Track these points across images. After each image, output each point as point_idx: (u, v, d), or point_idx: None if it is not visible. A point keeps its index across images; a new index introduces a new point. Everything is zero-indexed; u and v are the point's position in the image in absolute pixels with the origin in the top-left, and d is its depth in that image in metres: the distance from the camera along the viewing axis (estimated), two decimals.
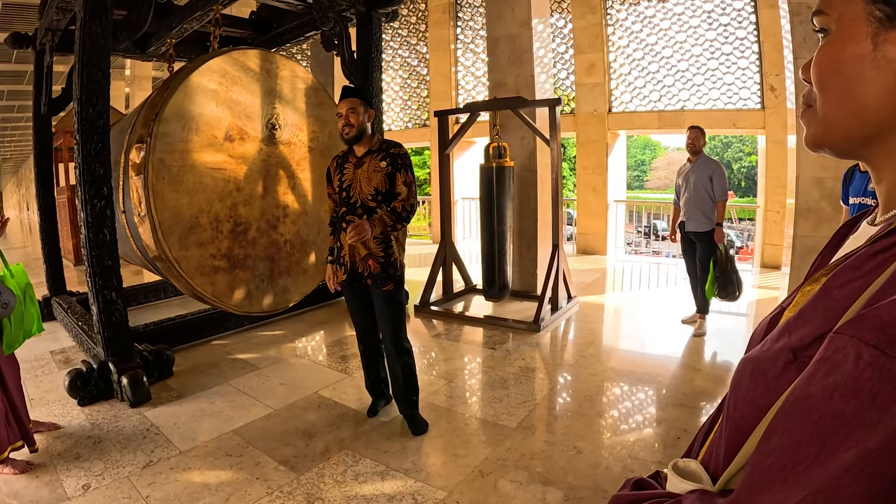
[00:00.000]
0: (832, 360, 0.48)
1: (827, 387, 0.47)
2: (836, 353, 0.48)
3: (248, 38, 6.59)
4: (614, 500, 0.68)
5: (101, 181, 4.10)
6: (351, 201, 3.46)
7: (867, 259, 0.55)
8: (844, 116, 0.61)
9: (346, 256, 3.50)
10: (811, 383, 0.49)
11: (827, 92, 0.62)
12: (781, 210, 8.62)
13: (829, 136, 0.64)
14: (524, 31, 6.62)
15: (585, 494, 2.86)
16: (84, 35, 4.02)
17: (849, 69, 0.59)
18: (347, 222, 3.45)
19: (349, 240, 3.25)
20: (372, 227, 3.27)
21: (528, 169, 6.68)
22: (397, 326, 3.61)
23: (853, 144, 0.63)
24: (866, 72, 0.57)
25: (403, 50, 12.44)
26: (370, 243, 3.44)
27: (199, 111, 4.28)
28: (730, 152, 38.95)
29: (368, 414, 3.83)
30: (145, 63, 12.91)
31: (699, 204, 5.35)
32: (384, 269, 3.47)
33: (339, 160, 3.59)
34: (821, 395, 0.47)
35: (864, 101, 0.58)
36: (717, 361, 4.85)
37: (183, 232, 4.24)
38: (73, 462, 3.22)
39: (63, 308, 5.90)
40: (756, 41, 8.64)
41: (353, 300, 3.68)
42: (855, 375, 0.45)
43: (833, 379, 0.47)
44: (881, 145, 0.60)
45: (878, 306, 0.47)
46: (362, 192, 3.44)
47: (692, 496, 0.59)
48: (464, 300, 7.05)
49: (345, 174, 3.50)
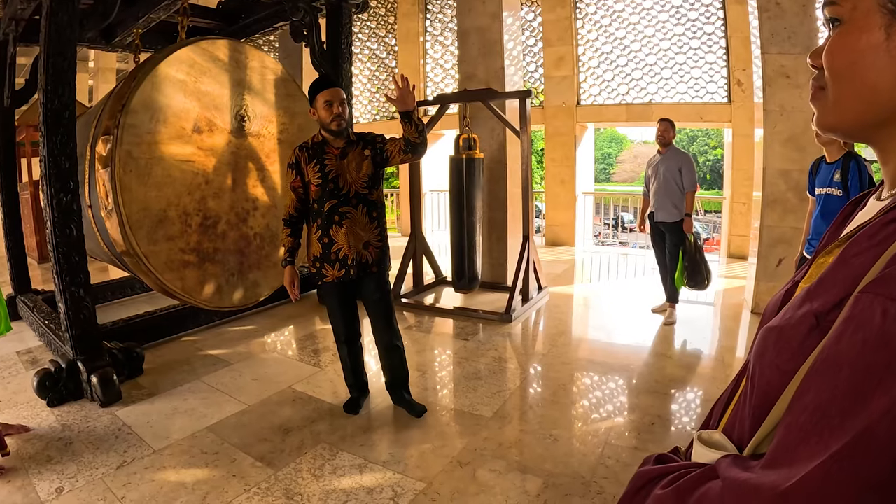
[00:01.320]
0: (859, 318, 0.50)
1: (855, 343, 0.49)
2: (862, 311, 0.50)
3: (216, 29, 6.47)
4: (639, 475, 0.69)
5: (68, 174, 3.99)
6: (342, 192, 3.40)
7: (881, 228, 0.58)
8: (858, 103, 0.63)
9: (345, 249, 3.42)
10: (840, 341, 0.51)
11: (841, 79, 0.64)
12: (747, 202, 8.77)
13: (843, 121, 0.66)
14: (495, 23, 6.62)
15: (564, 481, 2.89)
16: (50, 24, 3.91)
17: (863, 58, 0.61)
18: (341, 214, 3.40)
19: (406, 100, 3.20)
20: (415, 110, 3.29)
21: (497, 161, 6.70)
22: (392, 310, 3.69)
23: (865, 129, 0.65)
24: (880, 61, 0.59)
25: (372, 42, 12.35)
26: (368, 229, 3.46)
27: (167, 102, 4.19)
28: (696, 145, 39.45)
29: (351, 411, 3.75)
30: (109, 54, 12.68)
31: (668, 194, 5.42)
32: (383, 251, 3.54)
33: (310, 152, 3.48)
34: (850, 351, 0.50)
35: (877, 89, 0.60)
36: (687, 349, 4.93)
37: (151, 226, 4.16)
38: (45, 465, 3.14)
39: (29, 307, 5.75)
40: (724, 36, 8.77)
41: (341, 299, 3.60)
42: (883, 330, 0.47)
43: (862, 335, 0.49)
44: (890, 129, 0.62)
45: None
46: (355, 180, 3.41)
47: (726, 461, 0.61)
48: (434, 292, 7.04)
49: (327, 165, 3.41)
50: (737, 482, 0.55)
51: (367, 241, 3.45)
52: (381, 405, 3.86)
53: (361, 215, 3.44)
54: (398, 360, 3.73)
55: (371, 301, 3.59)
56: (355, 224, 3.42)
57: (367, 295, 3.57)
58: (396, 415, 3.73)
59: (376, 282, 3.54)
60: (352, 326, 3.70)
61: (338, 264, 3.44)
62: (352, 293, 3.62)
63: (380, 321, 3.64)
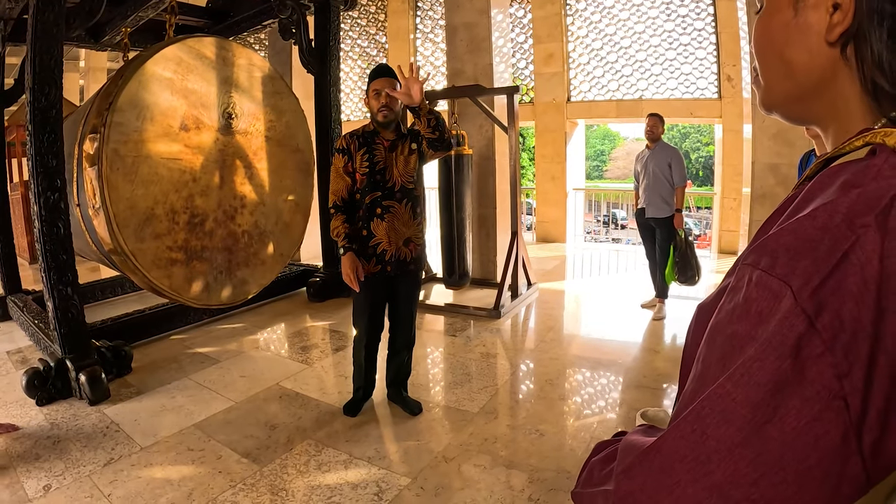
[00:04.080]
0: (735, 288, 0.52)
1: (728, 311, 0.51)
2: (738, 281, 0.52)
3: (205, 27, 6.47)
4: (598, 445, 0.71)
5: (55, 173, 3.99)
6: (388, 185, 3.34)
7: (790, 201, 0.58)
8: (780, 80, 0.65)
9: (384, 244, 3.35)
10: (720, 312, 0.53)
11: (764, 59, 0.67)
12: (738, 197, 8.79)
13: (772, 98, 0.68)
14: (483, 19, 6.62)
15: (549, 476, 2.90)
16: (36, 22, 3.90)
17: (777, 36, 0.63)
18: (384, 207, 3.34)
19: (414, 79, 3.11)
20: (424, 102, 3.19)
21: (486, 157, 6.71)
22: (415, 312, 3.68)
23: (794, 103, 0.67)
24: (792, 36, 0.61)
25: (362, 40, 12.32)
26: (411, 225, 3.41)
27: (153, 100, 4.19)
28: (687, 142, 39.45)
29: (350, 413, 3.67)
30: (100, 54, 12.60)
31: (658, 190, 5.43)
32: (422, 250, 3.52)
33: (361, 140, 3.39)
34: (724, 320, 0.51)
35: (793, 64, 0.62)
36: (676, 344, 4.94)
37: (138, 224, 4.15)
38: (33, 463, 3.15)
39: (19, 307, 5.74)
40: (714, 32, 8.78)
41: (376, 297, 3.50)
42: (747, 297, 0.49)
43: (733, 304, 0.51)
44: (819, 105, 0.64)
45: (769, 235, 0.51)
46: (402, 174, 3.37)
47: (637, 428, 0.64)
48: (424, 288, 7.02)
49: (376, 156, 3.34)
50: (626, 443, 0.58)
51: (408, 237, 3.40)
52: (368, 402, 3.87)
53: (405, 210, 3.38)
54: (406, 360, 3.72)
55: (403, 300, 3.55)
56: (397, 219, 3.36)
57: (401, 295, 3.53)
58: (382, 411, 3.74)
59: (413, 280, 3.51)
60: (377, 328, 3.61)
61: (374, 259, 3.37)
62: (385, 293, 3.52)
63: (407, 321, 3.61)
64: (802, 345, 0.44)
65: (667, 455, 0.49)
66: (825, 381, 0.43)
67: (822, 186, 0.53)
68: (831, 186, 0.52)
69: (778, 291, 0.47)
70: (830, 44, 0.58)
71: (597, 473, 0.62)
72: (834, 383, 0.43)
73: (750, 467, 0.44)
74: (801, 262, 0.46)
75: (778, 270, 0.47)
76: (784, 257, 0.48)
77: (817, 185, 0.54)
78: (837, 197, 0.49)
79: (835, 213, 0.48)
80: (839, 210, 0.48)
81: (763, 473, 0.44)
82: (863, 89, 0.58)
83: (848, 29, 0.56)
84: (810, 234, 0.47)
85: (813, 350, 0.44)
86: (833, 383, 0.43)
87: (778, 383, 0.44)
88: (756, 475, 0.44)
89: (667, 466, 0.49)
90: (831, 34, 0.57)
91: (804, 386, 0.43)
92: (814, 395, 0.43)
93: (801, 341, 0.44)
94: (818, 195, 0.52)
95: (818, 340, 0.43)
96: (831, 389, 0.43)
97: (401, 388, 3.77)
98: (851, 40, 0.57)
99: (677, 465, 0.48)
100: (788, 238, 0.49)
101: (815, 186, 0.54)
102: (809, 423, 0.43)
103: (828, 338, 0.43)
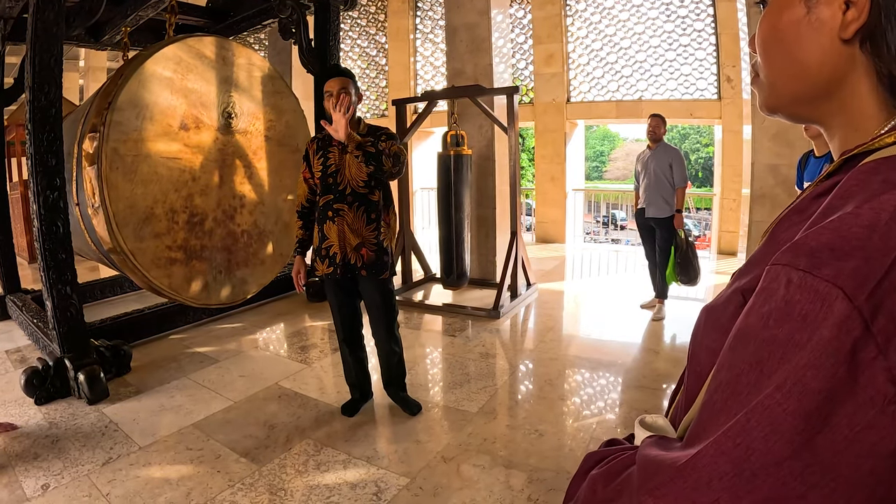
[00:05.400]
0: (767, 290, 0.49)
1: (762, 315, 0.49)
2: (770, 283, 0.49)
3: (205, 27, 6.46)
4: (588, 456, 0.69)
5: (54, 172, 3.99)
6: (339, 188, 3.28)
7: (810, 203, 0.57)
8: (789, 79, 0.64)
9: (335, 247, 3.32)
10: (750, 315, 0.50)
11: (770, 58, 0.65)
12: (737, 198, 8.80)
13: (778, 99, 0.67)
14: (483, 20, 6.62)
15: (548, 476, 2.90)
16: (36, 21, 3.89)
17: (787, 34, 0.62)
18: (335, 210, 3.29)
19: (338, 114, 3.04)
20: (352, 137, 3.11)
21: (485, 157, 6.71)
22: (393, 317, 3.58)
23: (801, 105, 0.65)
24: (803, 34, 0.60)
25: (362, 40, 12.34)
26: (363, 230, 3.31)
27: (153, 99, 4.19)
28: (687, 143, 39.43)
29: (347, 413, 3.67)
30: (100, 53, 12.62)
31: (659, 190, 5.43)
32: (378, 256, 3.37)
33: (319, 144, 3.39)
34: (757, 324, 0.49)
35: (805, 63, 0.61)
36: (676, 344, 4.94)
37: (138, 223, 4.15)
38: (31, 462, 3.14)
39: (18, 306, 5.73)
40: (713, 33, 8.79)
41: (339, 296, 3.50)
42: (787, 300, 0.47)
43: (768, 307, 0.48)
44: (827, 103, 0.62)
45: (806, 234, 0.49)
46: (353, 178, 3.27)
47: (649, 441, 0.60)
48: (423, 289, 7.06)
49: (329, 159, 3.31)
50: (647, 458, 0.54)
51: (360, 242, 3.32)
52: (367, 402, 3.86)
53: (357, 215, 3.30)
54: (396, 362, 3.68)
55: (369, 306, 3.52)
56: (347, 223, 3.30)
57: (366, 299, 3.51)
58: (382, 411, 3.74)
59: (373, 286, 3.43)
60: (350, 327, 3.60)
61: (327, 261, 3.36)
62: (351, 293, 3.51)
63: (379, 327, 3.56)
64: (858, 349, 0.42)
65: (704, 472, 0.47)
66: (878, 385, 0.42)
67: (860, 184, 0.51)
68: (871, 184, 0.50)
69: (826, 294, 0.44)
70: (844, 41, 0.57)
71: (601, 489, 0.60)
72: (888, 388, 0.42)
73: (798, 481, 0.43)
74: (850, 262, 0.45)
75: (824, 272, 0.45)
76: (828, 257, 0.46)
77: (853, 182, 0.52)
78: (882, 194, 0.48)
79: (882, 211, 0.46)
80: (886, 208, 0.46)
81: (812, 486, 0.42)
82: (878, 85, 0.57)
83: (864, 25, 0.55)
84: (856, 233, 0.46)
85: (867, 354, 0.42)
86: (887, 388, 0.42)
87: (832, 390, 0.43)
88: (804, 488, 0.42)
89: (702, 484, 0.46)
90: (846, 31, 0.57)
91: (857, 392, 0.42)
92: (867, 401, 0.42)
93: (856, 346, 0.42)
94: (857, 193, 0.50)
95: (873, 344, 0.42)
96: (886, 394, 0.41)
97: (399, 388, 3.75)
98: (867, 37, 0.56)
99: (715, 482, 0.45)
100: (830, 237, 0.47)
101: (852, 183, 0.52)
102: (863, 431, 0.42)
103: (882, 341, 0.42)
